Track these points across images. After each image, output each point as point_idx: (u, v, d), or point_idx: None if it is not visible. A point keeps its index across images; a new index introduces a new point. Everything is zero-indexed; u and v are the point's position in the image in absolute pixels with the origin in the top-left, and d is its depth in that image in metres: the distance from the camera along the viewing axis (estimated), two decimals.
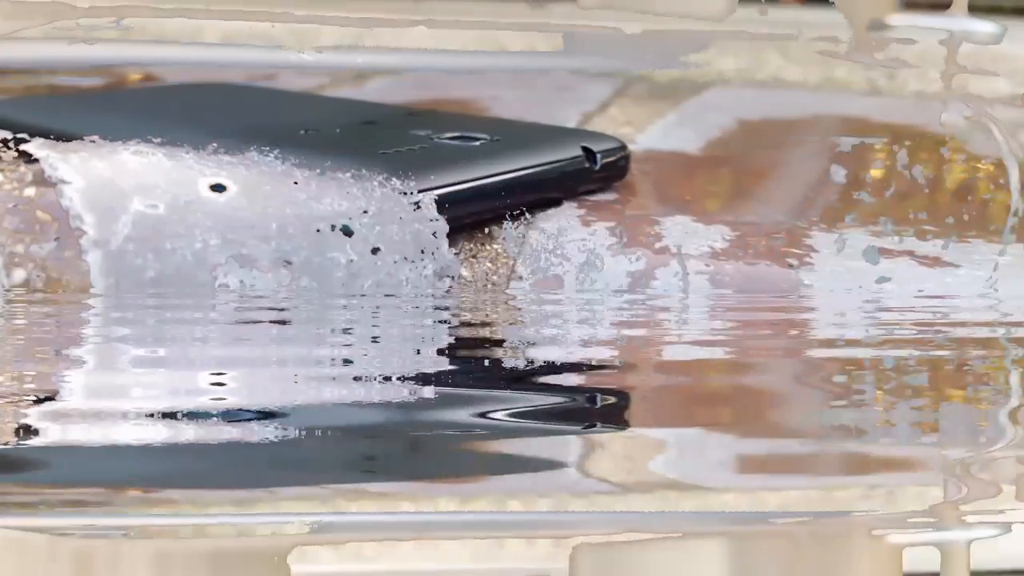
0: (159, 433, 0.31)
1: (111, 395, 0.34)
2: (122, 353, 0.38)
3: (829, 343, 0.39)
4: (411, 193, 0.42)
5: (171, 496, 0.29)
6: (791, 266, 0.42)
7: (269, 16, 0.72)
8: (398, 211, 0.42)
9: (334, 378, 0.36)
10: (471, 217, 0.43)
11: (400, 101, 0.64)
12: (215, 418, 0.33)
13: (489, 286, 0.42)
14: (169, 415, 0.32)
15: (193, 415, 0.33)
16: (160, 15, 0.70)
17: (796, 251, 0.43)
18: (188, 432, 0.32)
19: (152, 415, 0.32)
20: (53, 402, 0.34)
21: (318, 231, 0.42)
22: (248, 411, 0.34)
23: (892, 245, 0.43)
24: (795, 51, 0.84)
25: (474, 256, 0.43)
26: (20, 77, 0.74)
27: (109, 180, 0.45)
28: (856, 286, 0.42)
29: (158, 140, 0.45)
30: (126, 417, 0.32)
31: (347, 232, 0.42)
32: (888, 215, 0.47)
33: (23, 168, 0.45)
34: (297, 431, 0.32)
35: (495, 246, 0.43)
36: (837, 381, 0.36)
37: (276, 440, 0.32)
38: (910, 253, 0.43)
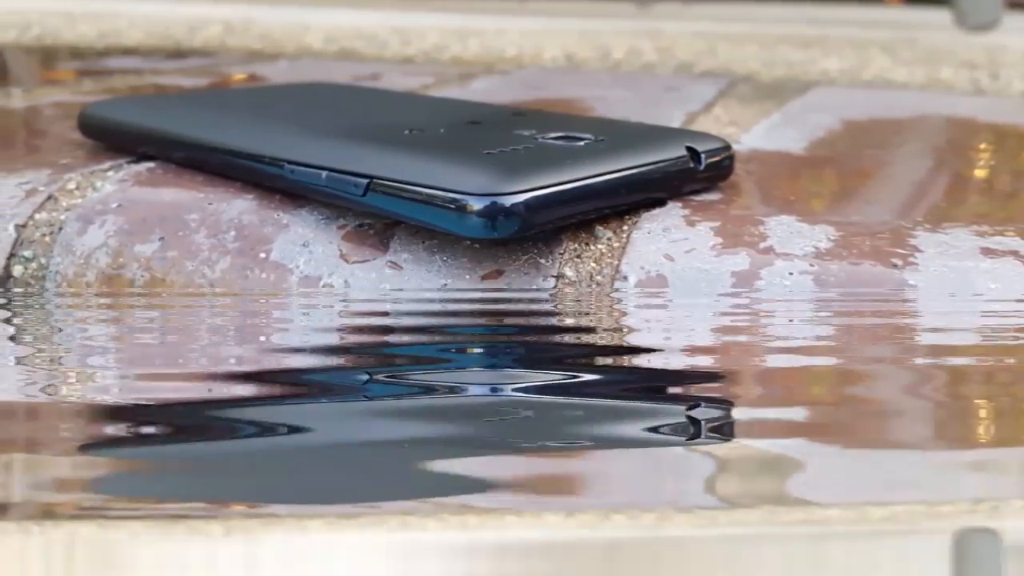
0: None
1: None
2: None
3: (936, 345, 0.39)
4: None
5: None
6: (895, 266, 0.42)
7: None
8: None
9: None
10: (576, 217, 0.43)
11: (505, 101, 0.64)
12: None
13: (593, 286, 0.42)
14: None
15: None
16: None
17: (900, 251, 0.43)
18: None
19: None
20: None
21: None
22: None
23: (996, 245, 0.43)
24: (900, 51, 0.84)
25: (578, 256, 0.43)
26: (126, 77, 0.76)
27: None
28: (960, 286, 0.41)
29: None
30: None
31: None
32: (993, 215, 0.46)
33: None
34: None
35: (599, 246, 0.43)
36: (943, 385, 0.36)
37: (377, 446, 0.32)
38: (1014, 253, 0.43)
